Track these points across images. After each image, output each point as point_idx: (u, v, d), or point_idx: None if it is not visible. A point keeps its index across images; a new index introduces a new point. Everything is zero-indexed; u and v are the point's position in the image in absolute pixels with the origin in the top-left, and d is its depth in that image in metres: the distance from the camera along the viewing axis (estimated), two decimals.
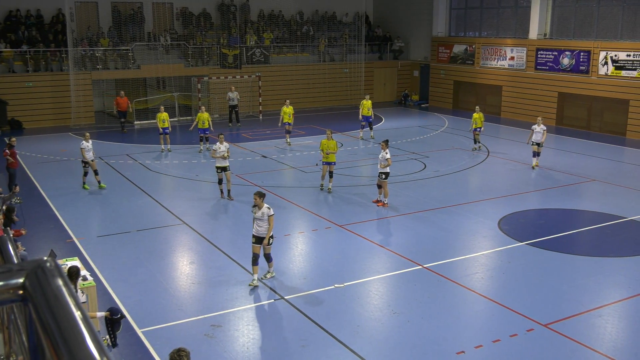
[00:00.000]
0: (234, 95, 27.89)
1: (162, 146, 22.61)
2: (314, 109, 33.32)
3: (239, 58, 30.68)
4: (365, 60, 34.78)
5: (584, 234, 14.04)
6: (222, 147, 15.92)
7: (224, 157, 15.89)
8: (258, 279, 10.99)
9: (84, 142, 17.22)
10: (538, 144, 19.46)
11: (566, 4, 28.52)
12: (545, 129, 19.44)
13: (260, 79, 30.96)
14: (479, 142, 22.54)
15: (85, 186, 17.44)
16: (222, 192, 16.42)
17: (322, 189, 17.18)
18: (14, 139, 17.04)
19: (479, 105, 32.44)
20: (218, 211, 15.74)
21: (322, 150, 16.87)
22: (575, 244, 13.44)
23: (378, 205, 15.64)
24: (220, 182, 16.40)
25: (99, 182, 17.50)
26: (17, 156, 17.45)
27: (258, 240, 10.91)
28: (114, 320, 8.31)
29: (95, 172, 17.45)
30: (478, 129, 22.26)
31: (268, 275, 11.19)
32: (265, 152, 22.51)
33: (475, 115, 22.24)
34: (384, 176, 15.43)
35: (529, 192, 17.22)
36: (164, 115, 22.22)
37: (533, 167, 19.58)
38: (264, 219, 10.78)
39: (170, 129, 22.85)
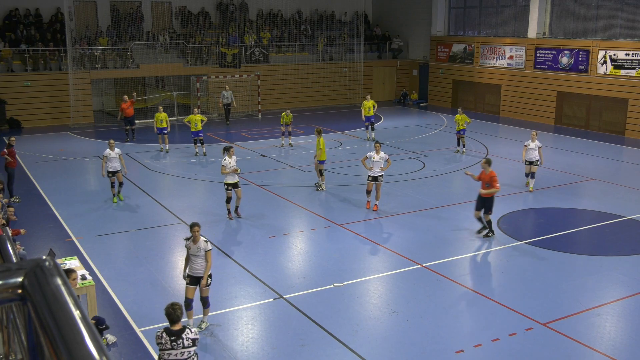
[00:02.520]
0: (228, 94, 28.04)
1: (161, 146, 22.41)
2: (313, 108, 33.32)
3: (238, 57, 30.67)
4: (364, 59, 34.78)
5: (583, 233, 14.04)
6: (232, 161, 14.15)
7: (236, 172, 14.19)
8: (196, 325, 9.24)
9: (108, 150, 15.71)
10: (531, 163, 16.85)
11: (565, 3, 28.52)
12: (540, 146, 16.82)
13: (260, 78, 30.96)
14: (463, 145, 21.81)
15: (115, 200, 15.99)
16: (229, 211, 14.65)
17: (320, 189, 17.20)
18: (13, 138, 16.79)
19: (477, 105, 32.61)
20: (217, 210, 15.72)
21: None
22: (574, 243, 13.45)
23: (374, 209, 15.21)
24: (228, 200, 14.55)
25: (118, 193, 16.06)
26: (17, 156, 17.26)
27: (193, 280, 9.20)
28: (98, 330, 8.25)
29: (120, 184, 15.95)
30: (462, 131, 21.49)
31: (203, 326, 9.25)
32: (264, 151, 22.51)
33: (457, 116, 21.55)
34: (381, 178, 15.08)
35: (527, 192, 17.21)
36: (162, 115, 21.90)
37: (527, 185, 17.28)
38: (200, 254, 9.06)
39: (169, 129, 22.35)
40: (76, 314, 1.26)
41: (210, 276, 9.29)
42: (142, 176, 18.97)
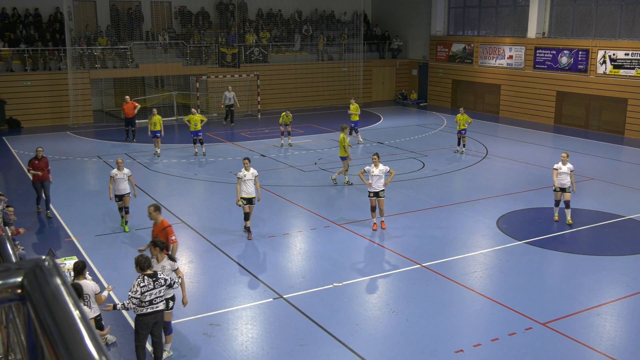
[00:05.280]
0: (231, 95, 27.63)
1: (156, 149, 21.63)
2: (312, 108, 33.31)
3: (238, 57, 30.66)
4: (363, 59, 34.78)
5: (582, 233, 14.04)
6: (247, 174, 12.99)
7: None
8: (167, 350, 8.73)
9: (115, 170, 13.72)
10: (564, 190, 14.10)
11: (564, 3, 28.53)
12: (572, 168, 14.13)
13: (259, 78, 30.96)
14: (464, 145, 21.70)
15: (122, 223, 14.00)
16: (249, 230, 13.43)
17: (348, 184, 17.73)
18: (40, 148, 14.93)
19: (477, 104, 32.62)
20: (217, 210, 15.73)
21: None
22: (573, 242, 13.45)
23: (383, 227, 13.88)
24: (246, 217, 13.32)
25: (125, 223, 13.95)
26: (47, 169, 14.90)
27: None
28: None
29: (126, 210, 13.87)
30: (463, 131, 21.42)
31: (164, 355, 8.55)
32: (264, 151, 22.50)
33: (458, 116, 21.52)
34: (383, 193, 13.72)
35: (527, 191, 17.22)
36: (156, 118, 21.30)
37: (556, 220, 14.41)
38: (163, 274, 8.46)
39: (162, 133, 21.64)
40: (75, 314, 1.26)
41: (172, 299, 8.65)
42: (141, 176, 18.96)
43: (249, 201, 13.15)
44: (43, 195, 14.96)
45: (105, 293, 8.86)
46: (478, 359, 8.62)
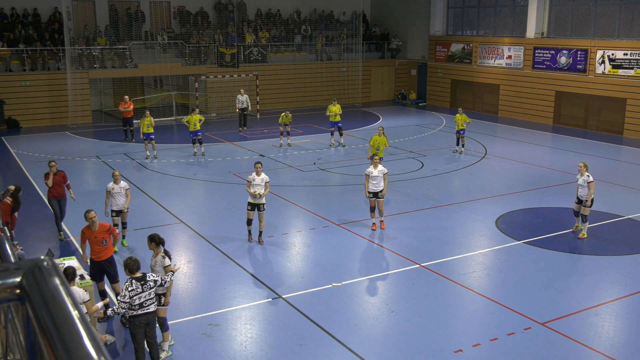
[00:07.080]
0: (243, 98, 26.63)
1: (147, 152, 21.21)
2: (311, 108, 33.30)
3: (237, 57, 30.64)
4: (362, 59, 34.79)
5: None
6: (257, 178, 12.63)
7: (255, 195, 12.56)
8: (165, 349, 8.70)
9: (111, 183, 12.65)
10: (581, 202, 13.40)
11: (563, 3, 28.55)
12: (591, 180, 13.12)
13: (258, 78, 30.96)
14: (462, 145, 21.66)
15: (124, 242, 12.99)
16: (250, 233, 13.13)
17: None
18: (53, 163, 13.53)
19: (476, 104, 32.64)
20: (216, 210, 15.73)
21: (373, 146, 17.22)
22: (572, 242, 13.45)
23: (382, 228, 13.88)
24: (249, 222, 13.00)
25: (123, 237, 12.87)
26: (65, 185, 13.74)
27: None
28: None
29: (124, 225, 12.87)
30: (462, 131, 21.43)
31: (163, 355, 8.55)
32: (263, 151, 22.50)
33: (457, 116, 21.51)
34: (382, 194, 13.58)
35: (526, 191, 17.24)
36: (148, 120, 20.78)
37: (575, 230, 13.79)
38: (155, 269, 8.72)
39: (152, 135, 21.00)
40: (74, 314, 1.26)
41: (164, 295, 8.64)
42: (141, 176, 18.97)
43: (256, 207, 12.75)
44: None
45: (99, 304, 8.69)
46: (477, 359, 8.63)
